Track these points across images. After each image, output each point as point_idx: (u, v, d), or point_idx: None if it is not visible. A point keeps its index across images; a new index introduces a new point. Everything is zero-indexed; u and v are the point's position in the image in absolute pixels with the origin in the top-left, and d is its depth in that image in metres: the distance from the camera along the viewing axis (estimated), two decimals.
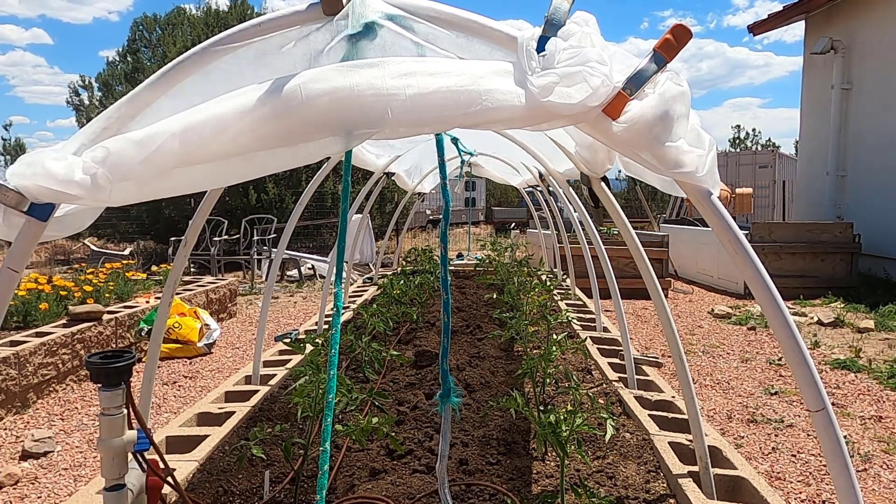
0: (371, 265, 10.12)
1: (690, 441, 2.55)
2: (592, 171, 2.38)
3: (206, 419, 3.13)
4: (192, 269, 10.38)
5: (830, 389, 4.51)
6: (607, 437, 2.08)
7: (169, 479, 1.80)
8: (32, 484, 3.11)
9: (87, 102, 15.74)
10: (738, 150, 30.47)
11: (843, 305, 7.23)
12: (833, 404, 3.94)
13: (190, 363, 5.27)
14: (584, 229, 5.13)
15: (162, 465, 1.82)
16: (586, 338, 4.60)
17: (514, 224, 20.29)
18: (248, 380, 3.70)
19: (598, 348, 4.38)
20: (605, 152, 2.14)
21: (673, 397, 3.36)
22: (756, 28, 11.24)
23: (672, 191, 1.47)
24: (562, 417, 2.03)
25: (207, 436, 2.81)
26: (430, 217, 20.73)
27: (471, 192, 23.03)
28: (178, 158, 0.98)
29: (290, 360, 4.08)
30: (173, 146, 0.97)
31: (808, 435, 3.61)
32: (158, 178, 1.00)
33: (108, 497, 1.54)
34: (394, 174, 5.77)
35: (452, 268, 8.97)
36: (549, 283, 5.75)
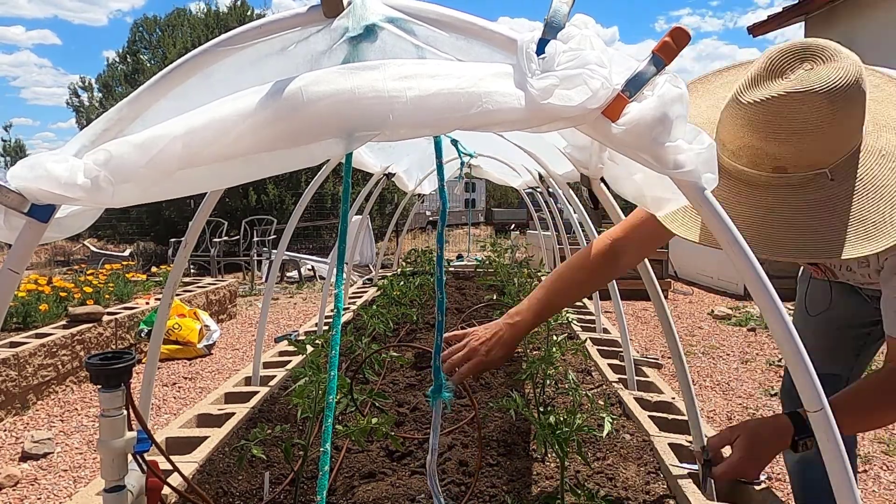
0: (371, 266, 10.12)
1: (690, 442, 2.55)
2: (592, 173, 2.38)
3: (205, 420, 3.13)
4: (191, 271, 10.39)
5: None
6: (605, 431, 2.09)
7: (172, 480, 1.80)
8: (32, 485, 3.11)
9: (87, 104, 15.77)
10: None
11: None
12: None
13: (190, 364, 5.27)
14: (583, 230, 5.13)
15: (171, 467, 1.83)
16: (586, 339, 4.60)
17: (513, 225, 20.27)
18: (247, 381, 3.70)
19: (597, 349, 4.38)
20: (596, 155, 2.14)
21: (673, 398, 3.36)
22: (755, 29, 11.25)
23: (647, 206, 1.31)
24: (561, 419, 2.03)
25: (207, 437, 2.81)
26: (430, 218, 20.72)
27: (470, 194, 23.01)
28: (181, 161, 0.98)
29: (290, 361, 4.08)
30: (176, 149, 0.97)
31: None
32: (161, 180, 1.00)
33: (108, 498, 1.54)
34: (394, 175, 5.77)
35: (452, 269, 8.96)
36: None
